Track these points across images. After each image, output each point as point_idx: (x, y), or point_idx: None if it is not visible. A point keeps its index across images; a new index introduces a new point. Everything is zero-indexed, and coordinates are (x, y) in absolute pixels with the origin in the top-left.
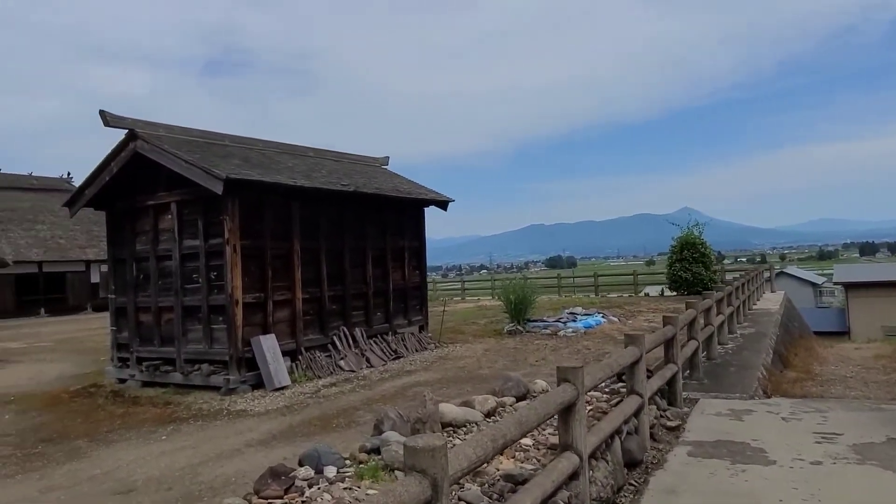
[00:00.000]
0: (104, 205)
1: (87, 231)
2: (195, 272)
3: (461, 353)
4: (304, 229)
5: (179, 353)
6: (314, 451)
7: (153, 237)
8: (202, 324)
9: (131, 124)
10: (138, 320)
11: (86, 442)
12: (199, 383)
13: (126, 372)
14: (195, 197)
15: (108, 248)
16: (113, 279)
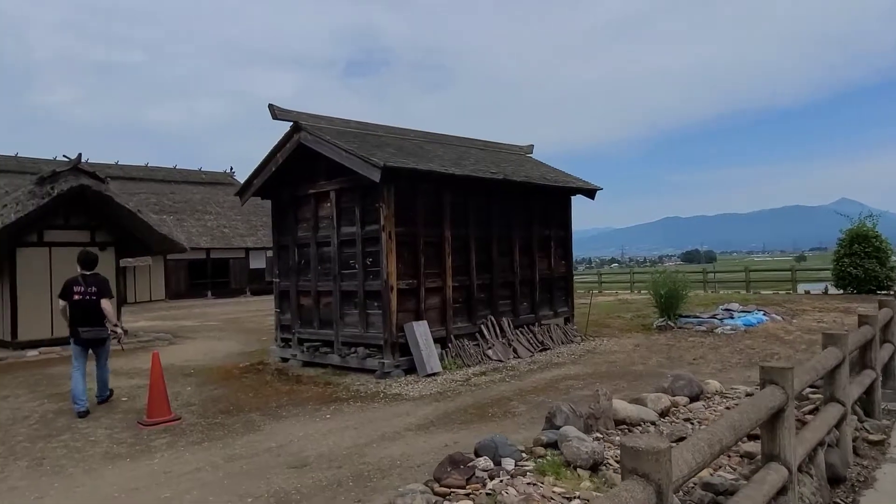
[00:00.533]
0: (270, 194)
1: (246, 221)
2: (352, 258)
3: (609, 347)
4: (454, 217)
5: (337, 335)
6: (491, 442)
7: (314, 224)
8: (358, 308)
9: (296, 117)
10: (299, 303)
11: (259, 415)
12: (355, 366)
13: (288, 352)
14: (353, 185)
15: (273, 234)
16: (277, 264)
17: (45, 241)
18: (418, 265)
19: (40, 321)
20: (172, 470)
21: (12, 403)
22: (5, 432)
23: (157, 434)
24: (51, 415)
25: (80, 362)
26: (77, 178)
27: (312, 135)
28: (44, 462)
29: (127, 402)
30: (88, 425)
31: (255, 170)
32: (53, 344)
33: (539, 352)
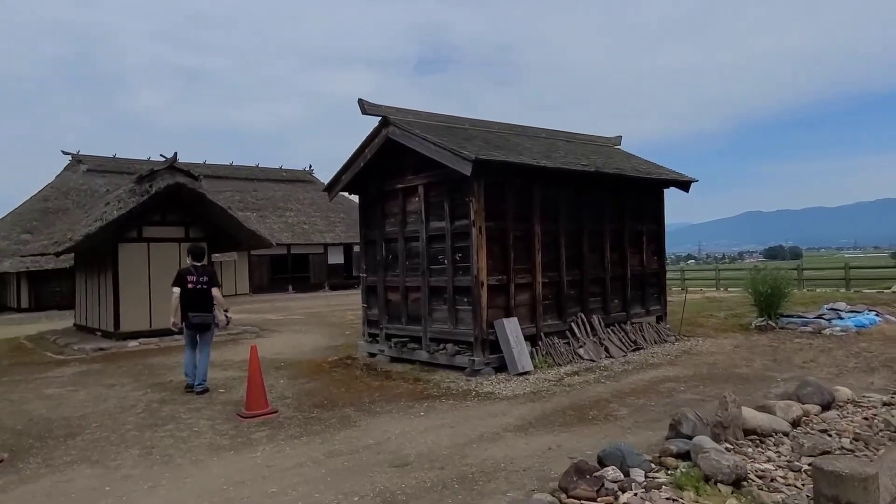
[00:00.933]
0: (357, 189)
1: (325, 217)
2: (440, 253)
3: (707, 347)
4: (543, 211)
5: (425, 331)
6: (617, 451)
7: (401, 219)
8: (447, 304)
9: (384, 111)
10: (387, 299)
11: (353, 411)
12: (444, 362)
13: (376, 347)
14: (441, 179)
15: (360, 229)
16: (364, 259)
17: (143, 237)
18: (508, 261)
19: (140, 313)
20: (275, 464)
21: (118, 392)
22: (114, 420)
23: (256, 427)
24: (155, 404)
25: (190, 346)
26: (173, 177)
27: (401, 129)
28: (153, 451)
29: (224, 394)
30: (191, 416)
31: (343, 165)
32: (152, 335)
33: (632, 351)
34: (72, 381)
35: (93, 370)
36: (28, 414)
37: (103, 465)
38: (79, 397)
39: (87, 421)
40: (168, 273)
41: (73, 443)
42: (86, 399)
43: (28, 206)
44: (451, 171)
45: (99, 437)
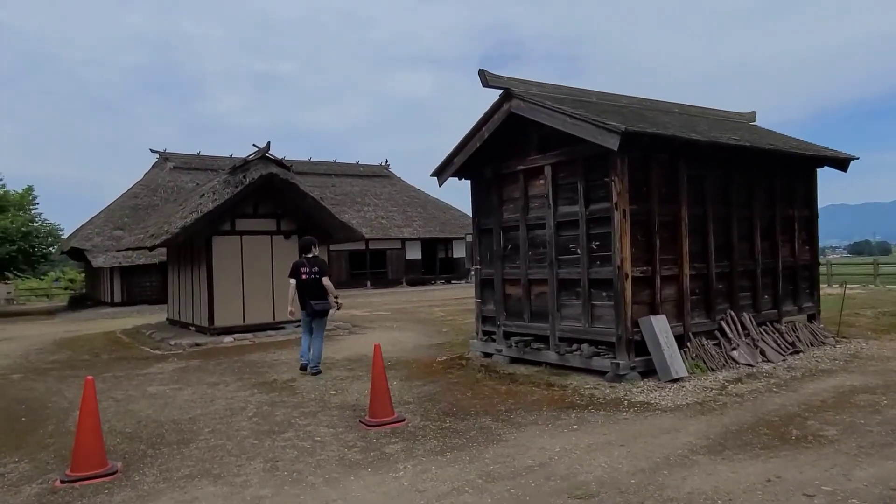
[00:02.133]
0: (469, 173)
1: (402, 212)
2: (572, 242)
3: (875, 351)
4: (690, 193)
5: (553, 330)
6: None
7: (523, 205)
8: (581, 299)
9: (506, 83)
10: (505, 293)
11: (490, 421)
12: (578, 365)
13: (492, 346)
14: (573, 158)
15: (474, 217)
16: (478, 249)
17: (236, 230)
18: (652, 249)
19: (233, 308)
20: (427, 489)
21: (224, 392)
22: (227, 425)
23: (385, 437)
24: (266, 407)
25: (306, 331)
26: (266, 167)
27: (527, 102)
28: (278, 465)
29: (336, 396)
30: (309, 422)
31: (455, 147)
32: (245, 331)
33: (790, 354)
34: (173, 378)
35: (192, 367)
36: (135, 415)
37: (227, 481)
38: (184, 396)
39: (198, 425)
40: (261, 267)
41: (188, 451)
42: (192, 399)
43: (119, 203)
44: (586, 148)
45: (214, 444)
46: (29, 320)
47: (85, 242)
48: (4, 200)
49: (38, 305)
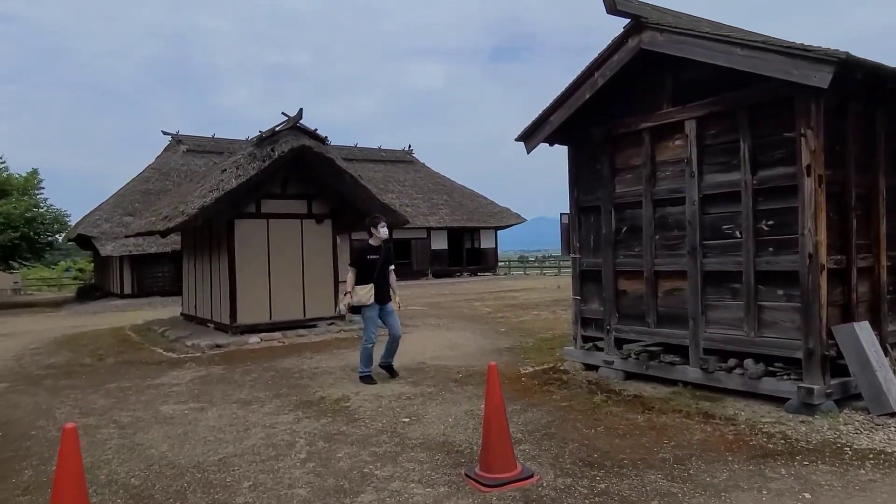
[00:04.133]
0: (566, 136)
1: (427, 200)
2: (727, 221)
3: None
4: (888, 156)
5: (696, 339)
6: None
7: (648, 174)
8: (741, 299)
9: (637, 9)
10: (618, 289)
11: (663, 479)
12: (735, 387)
13: (597, 356)
14: (732, 107)
15: (571, 192)
16: (577, 233)
17: (262, 213)
18: (848, 232)
19: (259, 303)
20: None
21: (260, 416)
22: (274, 476)
23: None
24: (321, 443)
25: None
26: (297, 139)
27: (669, 32)
28: None
29: (414, 427)
30: (390, 472)
31: (552, 103)
32: (273, 329)
33: None
34: (192, 391)
35: (214, 375)
36: (145, 453)
37: None
38: (208, 422)
39: (232, 474)
40: (289, 255)
41: None
42: (218, 427)
43: (129, 188)
44: (756, 93)
45: None
46: (33, 312)
47: (92, 229)
48: (7, 184)
49: (45, 296)
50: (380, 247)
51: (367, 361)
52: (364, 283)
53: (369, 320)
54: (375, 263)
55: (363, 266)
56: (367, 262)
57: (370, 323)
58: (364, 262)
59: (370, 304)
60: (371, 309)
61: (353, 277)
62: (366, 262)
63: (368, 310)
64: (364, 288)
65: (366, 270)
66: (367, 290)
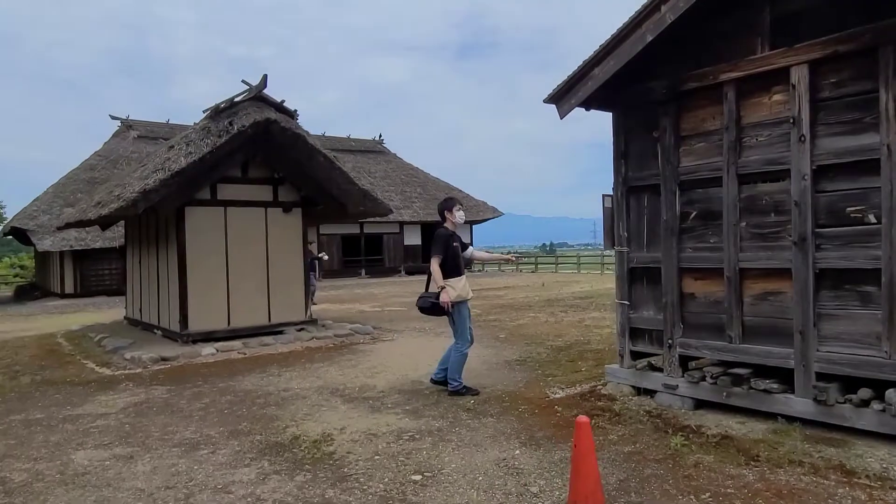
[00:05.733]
0: (610, 97)
1: (400, 192)
2: (854, 201)
3: None
4: None
5: (804, 358)
6: None
7: (731, 140)
8: (877, 306)
9: None
10: (683, 292)
11: None
12: (869, 427)
13: (654, 378)
14: (867, 44)
15: (617, 168)
16: (626, 221)
17: (218, 200)
18: None
19: (215, 306)
20: None
21: (209, 472)
22: None
23: None
24: None
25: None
26: (261, 111)
27: None
28: None
29: (425, 490)
30: None
31: (597, 53)
32: (232, 337)
33: None
34: (122, 427)
35: (155, 401)
36: None
37: None
38: (135, 482)
39: None
40: (252, 251)
41: None
42: (148, 490)
43: (72, 176)
44: None
45: None
46: None
47: (28, 222)
48: None
49: None
50: (456, 234)
51: (461, 371)
52: (455, 276)
53: (467, 319)
54: (459, 252)
55: (451, 254)
56: (455, 251)
57: (466, 321)
58: (452, 251)
59: (469, 299)
60: (466, 306)
61: (439, 269)
62: (454, 251)
63: (464, 307)
64: (460, 280)
65: (454, 259)
66: (462, 282)
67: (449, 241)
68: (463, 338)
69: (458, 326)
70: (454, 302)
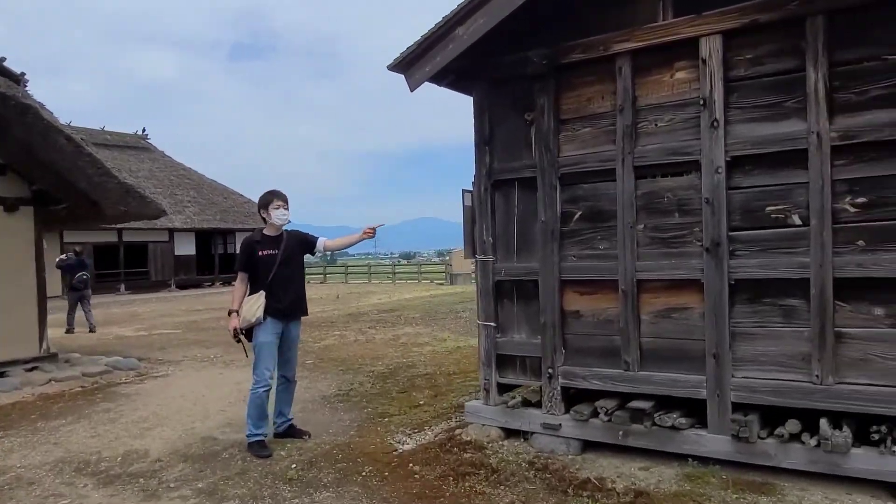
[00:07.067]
0: (469, 71)
1: (170, 195)
2: (776, 199)
3: None
4: None
5: (718, 386)
6: None
7: (626, 126)
8: (804, 322)
9: None
10: (565, 309)
11: None
12: (799, 465)
13: (531, 417)
14: (793, 14)
15: (480, 158)
16: (490, 222)
17: None
18: None
19: None
20: None
21: None
22: None
23: None
24: None
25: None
26: None
27: None
28: None
29: None
30: None
31: (461, 7)
32: None
33: None
34: None
35: None
36: None
37: None
38: None
39: None
40: None
41: None
42: None
43: None
44: None
45: None
46: None
47: None
48: None
49: None
50: (279, 237)
51: (260, 416)
52: (255, 292)
53: (263, 349)
54: (273, 260)
55: (253, 266)
56: (260, 260)
57: (264, 353)
58: (254, 261)
59: (263, 323)
60: (265, 331)
61: (243, 286)
62: (256, 261)
63: (262, 332)
64: (251, 300)
65: (258, 272)
66: (253, 302)
67: (252, 251)
68: (257, 373)
69: (256, 356)
70: (245, 328)
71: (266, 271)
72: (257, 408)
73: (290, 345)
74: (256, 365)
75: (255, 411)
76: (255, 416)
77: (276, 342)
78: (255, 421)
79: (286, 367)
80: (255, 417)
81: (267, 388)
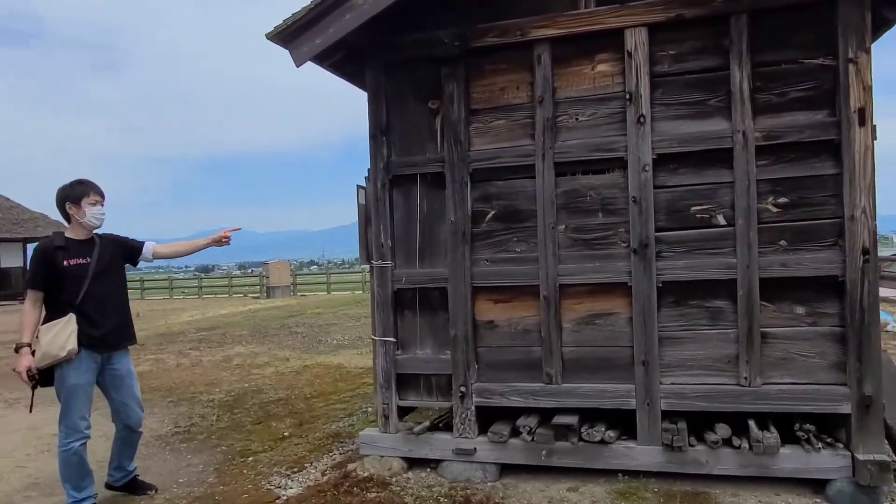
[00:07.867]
0: (363, 50)
1: None
2: (702, 198)
3: None
4: None
5: (647, 394)
6: None
7: (546, 118)
8: (730, 324)
9: None
10: (478, 319)
11: None
12: (730, 471)
13: (440, 443)
14: (719, 10)
15: (376, 150)
16: (389, 224)
17: None
18: None
19: None
20: None
21: None
22: None
23: None
24: None
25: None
26: None
27: None
28: None
29: None
30: None
31: None
32: None
33: None
34: None
35: None
36: None
37: None
38: None
39: None
40: None
41: None
42: None
43: None
44: None
45: None
46: None
47: None
48: None
49: None
50: (90, 241)
51: (81, 475)
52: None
53: (76, 392)
54: (84, 272)
55: (57, 280)
56: (66, 272)
57: (78, 397)
58: (57, 274)
59: (73, 358)
60: (77, 369)
61: (36, 311)
62: (61, 273)
63: (72, 371)
64: (55, 326)
65: (62, 288)
66: (60, 329)
67: (52, 260)
68: (65, 424)
69: (63, 403)
70: (43, 367)
71: (75, 287)
72: (74, 467)
73: (123, 383)
74: (66, 414)
75: (71, 472)
76: (75, 478)
77: (93, 382)
78: (75, 483)
79: (126, 414)
80: (76, 479)
81: (83, 441)
